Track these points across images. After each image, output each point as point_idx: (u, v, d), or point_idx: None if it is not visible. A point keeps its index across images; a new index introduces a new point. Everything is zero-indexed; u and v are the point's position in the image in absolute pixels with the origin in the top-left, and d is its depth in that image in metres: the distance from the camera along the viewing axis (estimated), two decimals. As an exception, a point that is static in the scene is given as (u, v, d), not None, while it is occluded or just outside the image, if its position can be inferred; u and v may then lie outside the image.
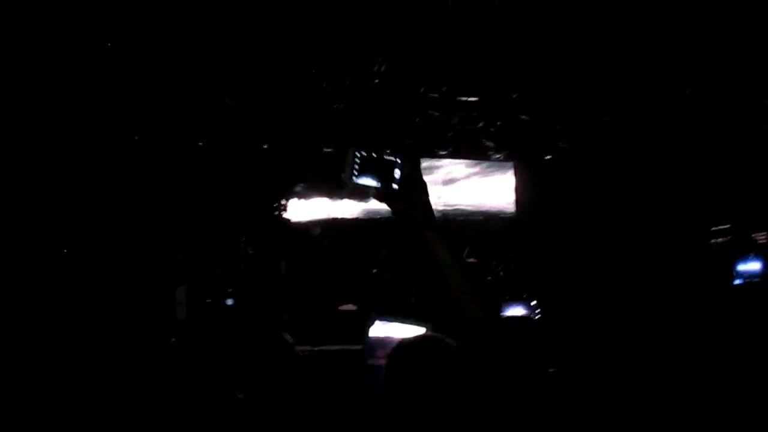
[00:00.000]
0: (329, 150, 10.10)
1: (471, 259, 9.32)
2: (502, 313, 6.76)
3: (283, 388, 1.49)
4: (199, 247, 8.51)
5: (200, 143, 9.36)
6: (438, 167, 11.37)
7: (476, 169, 11.60)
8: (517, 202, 11.64)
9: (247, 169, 9.60)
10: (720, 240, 8.69)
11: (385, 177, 1.37)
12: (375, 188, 1.38)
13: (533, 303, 6.90)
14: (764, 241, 8.30)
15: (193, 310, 1.37)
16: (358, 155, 1.36)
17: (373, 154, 1.36)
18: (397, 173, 1.38)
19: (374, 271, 9.20)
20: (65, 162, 8.07)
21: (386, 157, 1.38)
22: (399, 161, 1.38)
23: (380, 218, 11.22)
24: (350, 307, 9.35)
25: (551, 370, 2.71)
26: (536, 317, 6.57)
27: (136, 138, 8.67)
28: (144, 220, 8.51)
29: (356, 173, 1.35)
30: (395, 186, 1.37)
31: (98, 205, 8.18)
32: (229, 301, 1.39)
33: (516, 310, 6.86)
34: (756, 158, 8.32)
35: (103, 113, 8.17)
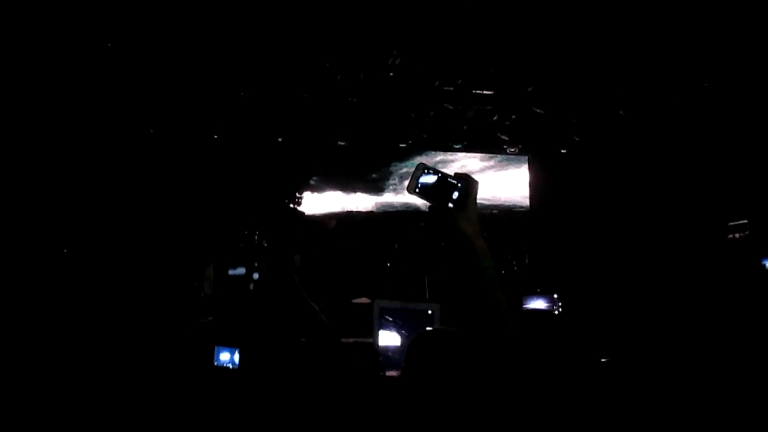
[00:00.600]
0: (343, 143, 10.12)
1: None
2: (524, 306, 6.79)
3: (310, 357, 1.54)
4: (213, 241, 8.56)
5: (216, 136, 9.42)
6: (452, 161, 11.37)
7: (491, 162, 11.59)
8: (532, 195, 11.62)
9: (262, 162, 9.64)
10: (738, 235, 8.63)
11: (443, 195, 1.49)
12: (431, 203, 1.50)
13: (555, 296, 6.92)
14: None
15: (221, 285, 1.43)
16: (425, 172, 1.48)
17: (438, 174, 1.48)
18: (455, 195, 1.50)
19: (388, 264, 9.21)
20: (90, 157, 8.16)
21: (450, 179, 1.49)
22: (460, 185, 1.49)
23: (394, 211, 11.24)
24: (364, 300, 9.38)
25: (603, 360, 2.73)
26: (558, 310, 6.58)
27: (151, 131, 8.74)
28: (158, 216, 8.59)
29: (418, 187, 1.47)
30: (450, 205, 1.49)
31: (112, 201, 8.25)
32: (256, 275, 1.46)
33: (537, 303, 6.89)
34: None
35: (121, 108, 8.25)
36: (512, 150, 10.96)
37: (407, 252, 9.44)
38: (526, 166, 11.64)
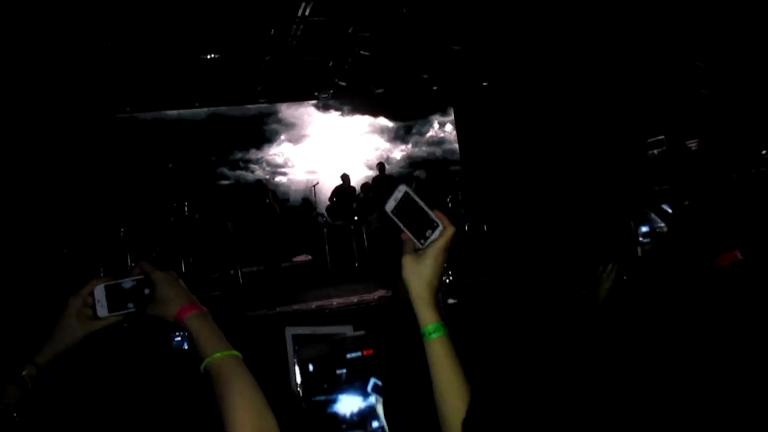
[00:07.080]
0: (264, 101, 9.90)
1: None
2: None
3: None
4: (144, 219, 8.36)
5: (128, 108, 9.07)
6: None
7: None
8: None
9: (182, 135, 9.35)
10: (656, 151, 8.97)
11: (419, 230, 1.32)
12: (403, 232, 1.33)
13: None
14: (695, 147, 8.63)
15: (115, 306, 1.26)
16: (404, 195, 1.29)
17: (419, 204, 1.30)
18: (429, 234, 1.31)
19: (322, 219, 9.21)
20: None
21: (430, 216, 1.31)
22: (440, 227, 1.31)
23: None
24: (304, 257, 9.38)
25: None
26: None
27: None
28: (89, 198, 8.33)
29: (395, 210, 1.29)
30: (422, 243, 1.31)
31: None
32: (147, 291, 1.25)
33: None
34: (683, 72, 8.50)
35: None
36: (435, 87, 10.99)
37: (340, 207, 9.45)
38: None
